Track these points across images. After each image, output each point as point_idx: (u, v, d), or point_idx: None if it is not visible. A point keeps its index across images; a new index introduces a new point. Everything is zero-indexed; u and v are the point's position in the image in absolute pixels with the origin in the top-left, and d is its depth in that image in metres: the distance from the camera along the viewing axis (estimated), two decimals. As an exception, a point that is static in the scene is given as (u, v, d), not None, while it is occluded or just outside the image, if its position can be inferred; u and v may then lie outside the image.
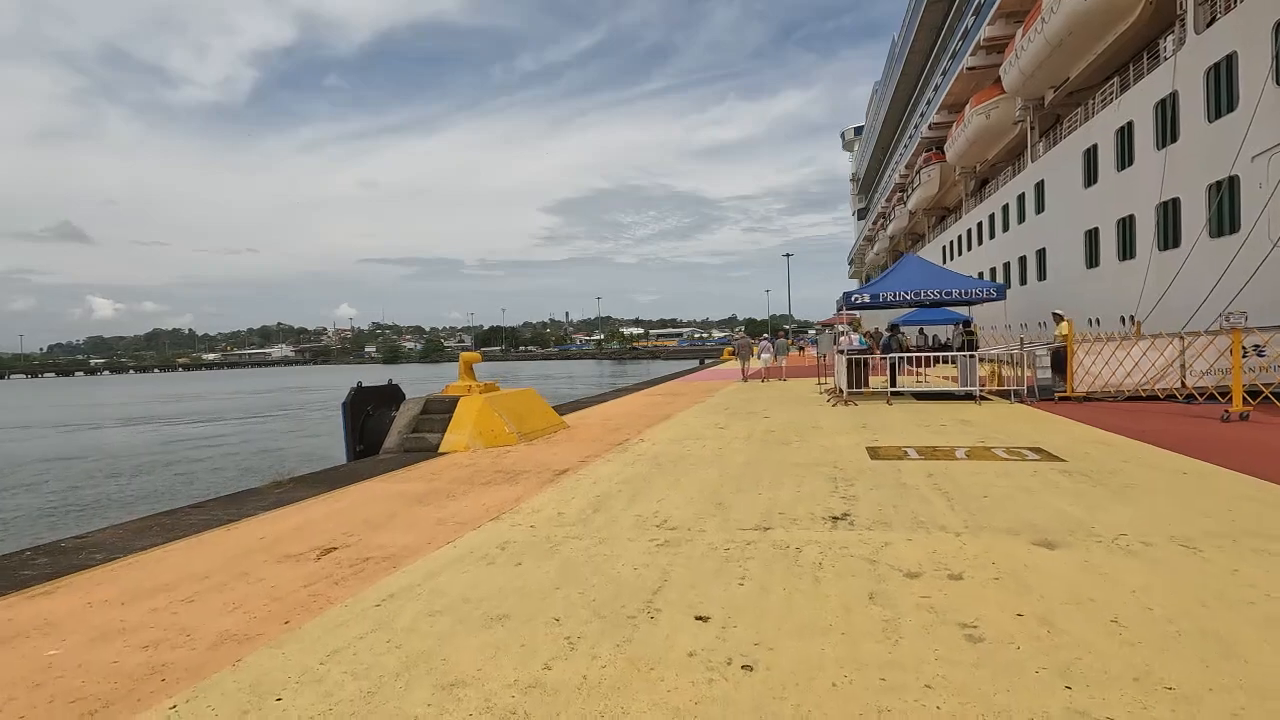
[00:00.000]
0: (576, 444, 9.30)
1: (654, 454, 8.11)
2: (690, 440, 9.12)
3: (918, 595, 3.34)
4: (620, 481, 6.55)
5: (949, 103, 39.41)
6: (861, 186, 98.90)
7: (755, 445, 8.46)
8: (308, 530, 5.23)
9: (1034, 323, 28.67)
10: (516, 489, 6.45)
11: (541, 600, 3.51)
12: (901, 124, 63.08)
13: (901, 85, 58.70)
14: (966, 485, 5.74)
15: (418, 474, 7.51)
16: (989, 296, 12.16)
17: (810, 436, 8.98)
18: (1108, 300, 22.29)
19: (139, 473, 19.96)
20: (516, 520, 5.24)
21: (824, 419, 10.90)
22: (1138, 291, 19.70)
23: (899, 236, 65.85)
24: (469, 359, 10.82)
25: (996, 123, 32.43)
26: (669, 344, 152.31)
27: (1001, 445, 7.68)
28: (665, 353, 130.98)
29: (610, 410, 13.95)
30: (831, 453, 7.63)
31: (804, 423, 10.52)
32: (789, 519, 4.89)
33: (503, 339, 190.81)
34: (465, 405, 9.71)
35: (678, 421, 11.39)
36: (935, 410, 11.43)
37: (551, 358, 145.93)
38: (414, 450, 9.37)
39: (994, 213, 34.80)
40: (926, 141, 45.60)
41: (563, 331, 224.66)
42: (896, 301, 12.32)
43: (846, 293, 12.63)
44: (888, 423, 10.06)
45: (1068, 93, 27.31)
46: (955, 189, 45.04)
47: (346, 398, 10.59)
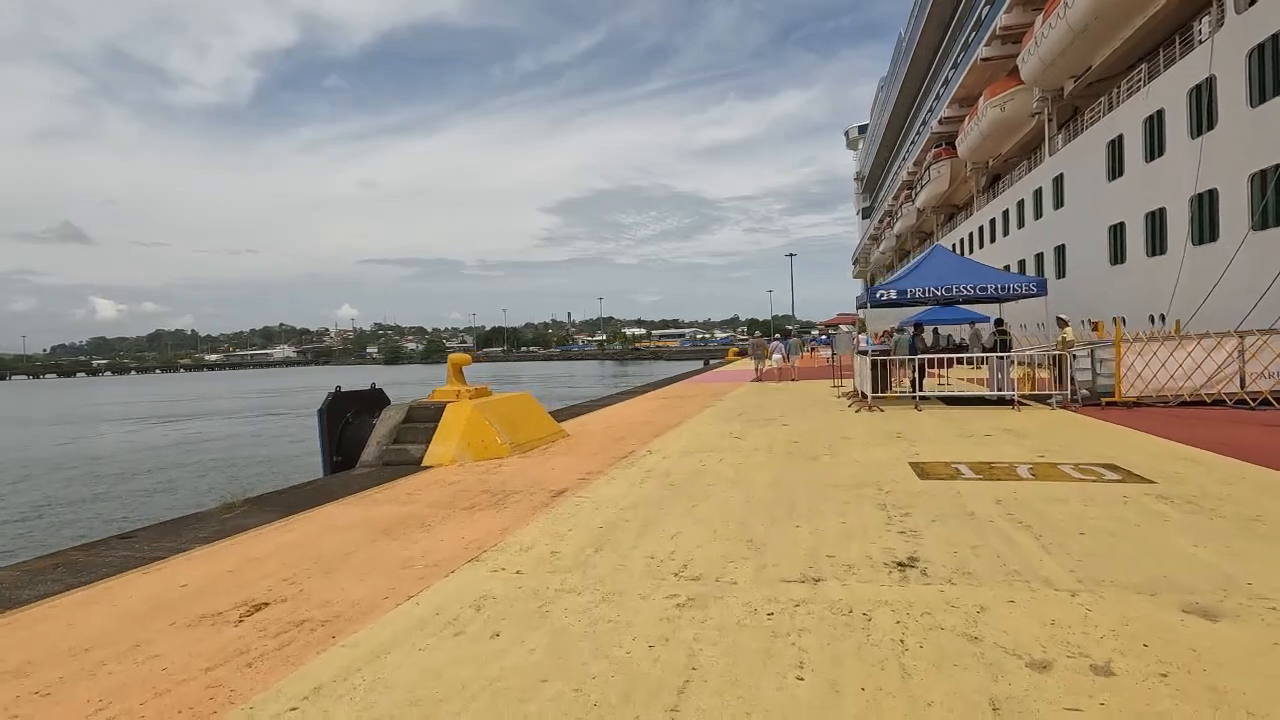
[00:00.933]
0: (577, 457, 8.29)
1: (664, 470, 7.09)
2: (704, 453, 8.10)
3: (1062, 707, 2.31)
4: (627, 507, 5.54)
5: (960, 96, 38.33)
6: (866, 185, 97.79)
7: (779, 459, 7.44)
8: (243, 574, 4.23)
9: (1052, 322, 27.63)
10: (504, 516, 5.44)
11: (521, 704, 2.50)
12: (908, 120, 61.99)
13: (908, 81, 57.61)
14: (1050, 516, 4.71)
15: (392, 494, 6.50)
16: (1028, 292, 11.13)
17: (841, 449, 7.95)
18: (1135, 298, 21.23)
19: (121, 480, 19.00)
20: (500, 562, 4.23)
21: (850, 427, 9.87)
22: (1170, 288, 18.67)
23: (906, 235, 64.78)
24: (458, 361, 9.81)
25: (1012, 115, 31.36)
26: (671, 345, 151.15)
27: (1068, 461, 6.64)
28: (668, 353, 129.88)
29: (614, 416, 12.94)
30: (871, 470, 6.60)
31: (829, 431, 9.49)
32: (842, 565, 3.87)
33: (504, 340, 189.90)
34: (452, 413, 8.71)
35: (688, 430, 10.37)
36: (971, 418, 10.40)
37: (553, 358, 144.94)
38: (394, 463, 8.37)
39: (1008, 209, 33.72)
40: (936, 137, 44.51)
41: (565, 332, 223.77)
42: (926, 298, 11.30)
43: (871, 288, 11.60)
44: (924, 432, 9.03)
45: (1088, 83, 26.24)
46: (966, 185, 43.96)
47: (323, 403, 9.59)
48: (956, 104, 39.45)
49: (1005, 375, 12.06)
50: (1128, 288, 21.92)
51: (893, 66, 68.55)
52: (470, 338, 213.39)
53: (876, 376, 11.87)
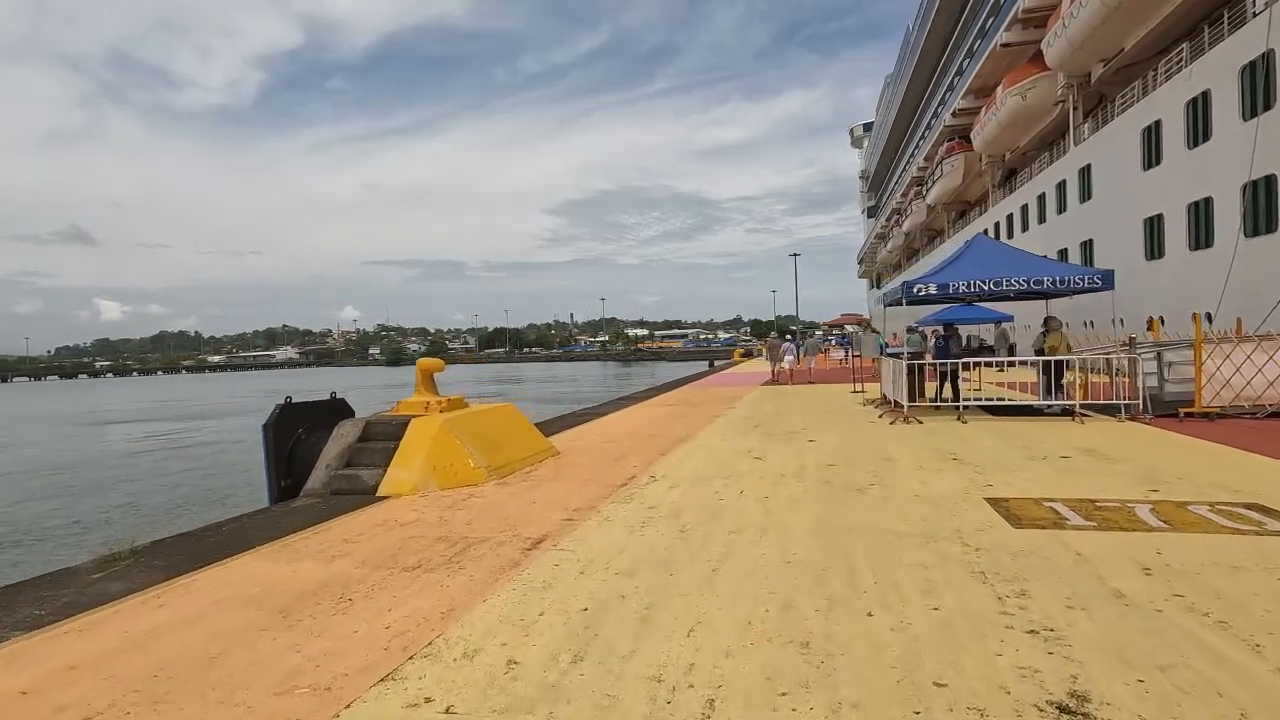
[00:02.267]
0: (566, 484, 6.83)
1: (673, 506, 5.63)
2: (720, 479, 6.63)
3: None
4: (623, 571, 4.07)
5: (976, 86, 36.79)
6: (871, 184, 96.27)
7: (816, 490, 5.97)
8: (38, 701, 2.78)
9: (1078, 323, 26.05)
10: (455, 584, 3.98)
11: None
12: (917, 116, 60.47)
13: (916, 76, 56.10)
14: (1239, 597, 3.23)
15: (323, 542, 5.04)
16: (1091, 285, 9.64)
17: (889, 476, 6.47)
18: (1176, 295, 19.69)
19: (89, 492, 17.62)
20: (427, 683, 2.77)
21: (890, 443, 8.39)
22: (1215, 285, 17.16)
23: (915, 233, 63.20)
24: (427, 367, 8.35)
25: (1034, 104, 29.82)
26: (674, 345, 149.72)
27: (1198, 500, 5.15)
28: (671, 354, 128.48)
29: (614, 427, 11.47)
30: (939, 510, 5.13)
31: (867, 450, 8.02)
32: (965, 703, 2.40)
33: (507, 340, 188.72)
34: (417, 430, 7.25)
35: (700, 446, 8.90)
36: (1029, 432, 8.91)
37: (556, 359, 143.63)
38: (344, 492, 6.92)
39: (1027, 203, 32.18)
40: (949, 130, 42.97)
41: (567, 333, 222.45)
42: (970, 292, 9.82)
43: (906, 283, 10.12)
44: (982, 452, 7.55)
45: (1118, 67, 24.71)
46: (980, 180, 42.42)
47: (269, 417, 8.14)
48: (971, 95, 37.91)
49: (1058, 381, 10.58)
50: (1165, 284, 20.39)
51: (899, 62, 67.05)
52: (473, 339, 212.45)
53: (913, 383, 10.39)
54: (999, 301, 12.29)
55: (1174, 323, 19.85)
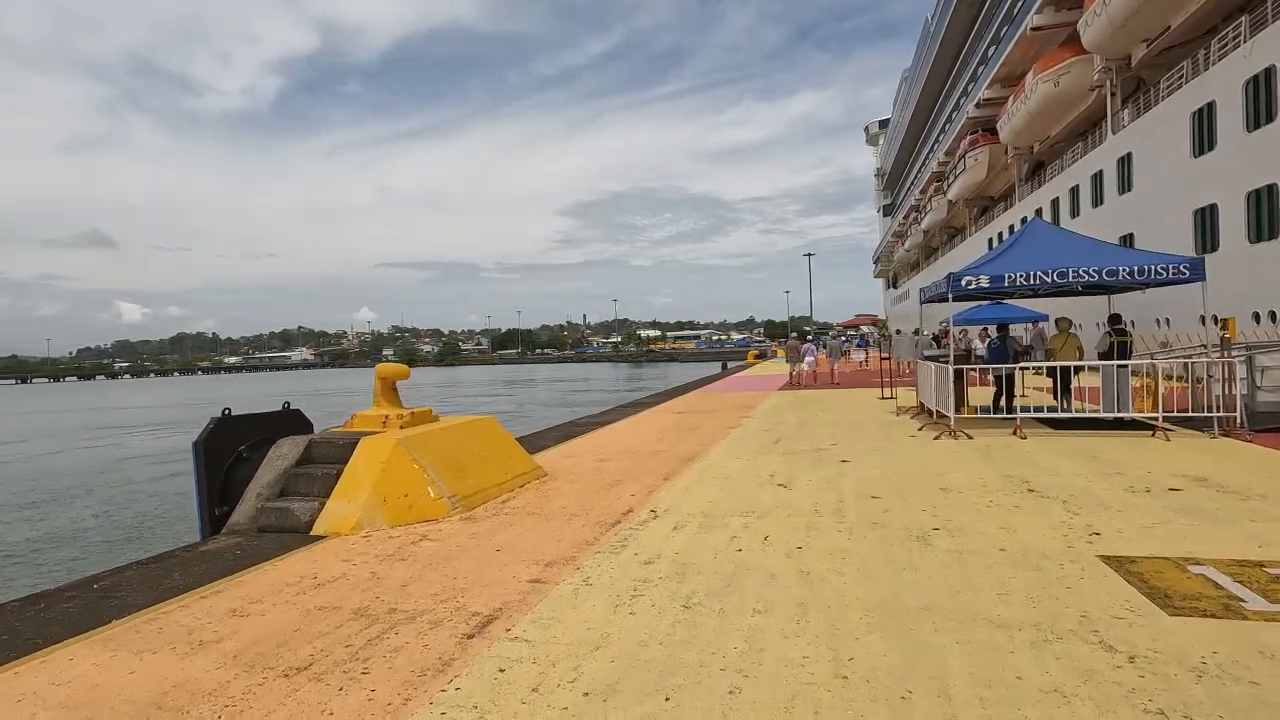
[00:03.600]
0: (544, 521, 5.48)
1: (674, 561, 4.27)
2: (738, 518, 5.26)
3: None
4: (596, 684, 2.72)
5: (1003, 75, 35.09)
6: (888, 182, 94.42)
7: (864, 538, 4.58)
8: None
9: (1146, 321, 24.35)
10: (346, 708, 2.65)
11: None
12: (936, 110, 58.70)
13: (936, 68, 54.35)
14: None
15: (201, 615, 3.73)
16: (1179, 276, 8.14)
17: (953, 514, 5.06)
18: (1233, 291, 18.02)
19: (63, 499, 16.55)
20: None
21: (942, 465, 6.97)
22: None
23: (934, 230, 61.33)
24: (387, 374, 7.04)
25: (1068, 90, 28.13)
26: (687, 346, 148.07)
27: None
28: (684, 355, 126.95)
29: (615, 440, 10.12)
30: (1039, 572, 3.73)
31: (915, 474, 6.60)
32: None
33: (519, 342, 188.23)
34: (366, 451, 5.94)
35: (711, 467, 7.52)
36: (1109, 451, 7.45)
37: (568, 360, 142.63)
38: (273, 529, 5.62)
39: (1058, 197, 30.47)
40: (972, 122, 41.23)
41: (579, 334, 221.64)
42: (1030, 284, 8.35)
43: (953, 275, 8.68)
44: (1063, 480, 6.11)
45: (1161, 49, 23.03)
46: (1005, 174, 40.67)
47: (201, 433, 6.85)
48: (998, 84, 36.21)
49: (1125, 390, 9.11)
50: (1220, 280, 18.69)
51: (917, 56, 65.27)
52: (486, 340, 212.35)
53: (963, 391, 8.93)
54: (1062, 296, 10.77)
55: (1180, 324, 18.24)
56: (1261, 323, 17.10)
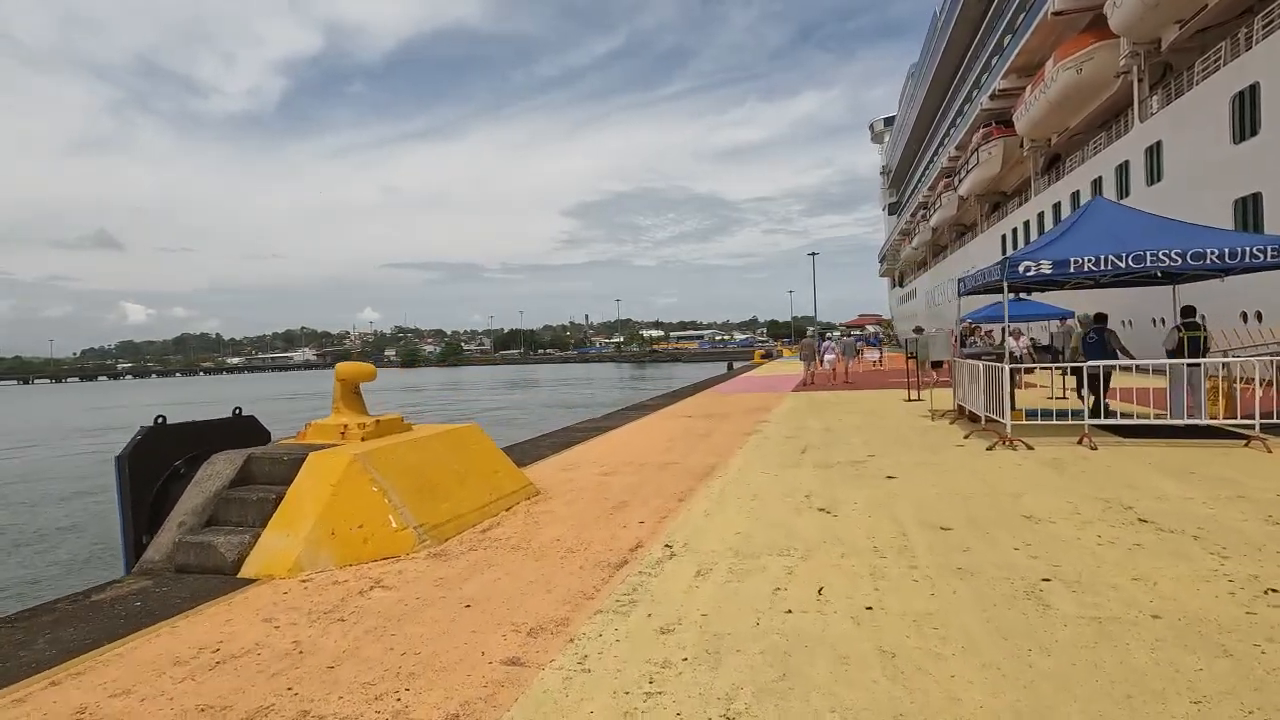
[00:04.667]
0: (531, 558, 4.36)
1: (701, 630, 3.13)
2: (777, 558, 4.12)
3: None
4: None
5: (1019, 65, 33.87)
6: (893, 180, 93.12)
7: (952, 591, 3.43)
8: None
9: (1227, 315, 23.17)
10: None
11: None
12: (945, 105, 57.46)
13: (945, 62, 53.15)
14: None
15: (40, 717, 2.61)
16: (1275, 259, 6.98)
17: (1059, 556, 3.91)
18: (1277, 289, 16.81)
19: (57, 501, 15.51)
20: None
21: (1010, 482, 5.82)
22: None
23: (943, 228, 60.05)
24: (349, 375, 5.90)
25: (1092, 77, 26.91)
26: (690, 346, 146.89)
27: None
28: (687, 355, 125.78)
29: (619, 449, 8.99)
30: (1225, 652, 2.60)
31: (979, 494, 5.46)
32: None
33: (521, 342, 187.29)
34: (314, 470, 4.81)
35: (734, 483, 6.39)
36: (1205, 465, 6.30)
37: (570, 360, 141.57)
38: (193, 569, 4.51)
39: (1079, 189, 29.24)
40: (986, 114, 39.98)
41: (582, 334, 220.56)
42: (1101, 270, 7.18)
43: (1010, 260, 7.51)
44: (1174, 505, 4.95)
45: (1195, 30, 21.83)
46: (1020, 168, 39.43)
47: (126, 447, 5.73)
48: (1014, 74, 34.98)
49: (1196, 392, 7.96)
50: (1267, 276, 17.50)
51: (924, 51, 64.03)
52: (488, 340, 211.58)
53: (1011, 393, 7.77)
54: (1140, 286, 9.59)
55: (1276, 320, 17.01)
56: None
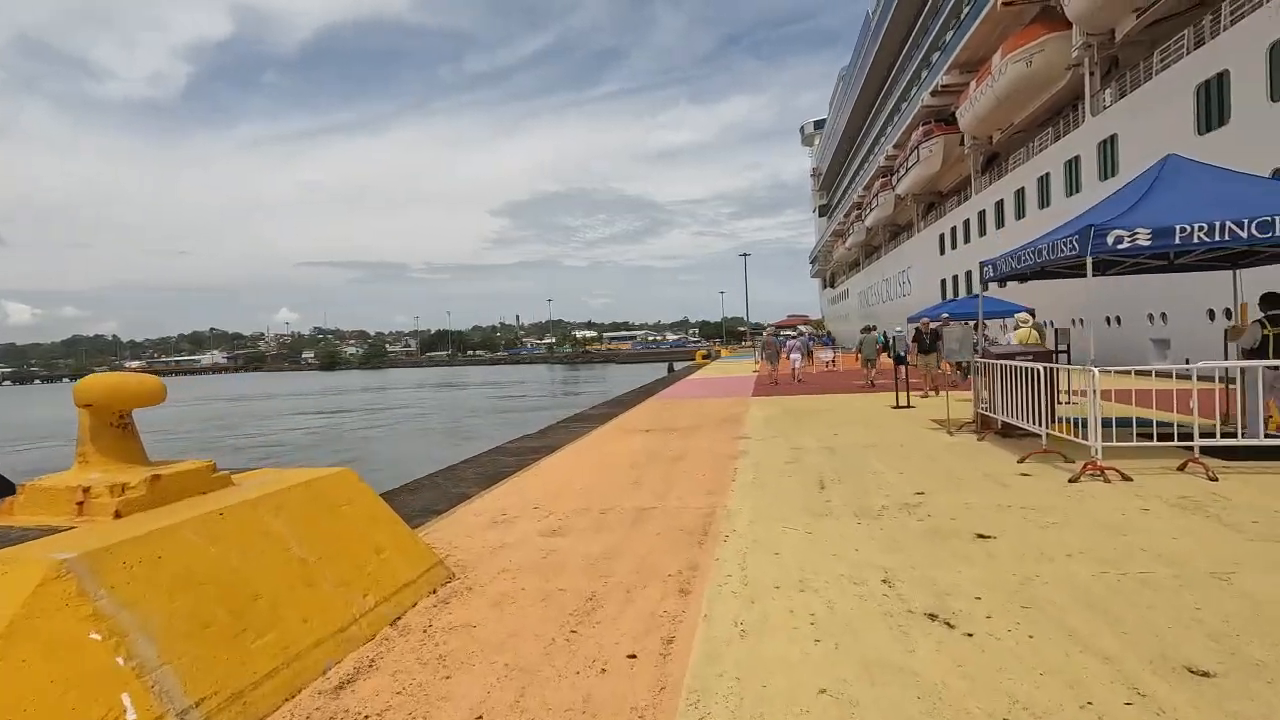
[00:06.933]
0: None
1: None
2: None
3: None
4: None
5: (963, 59, 33.36)
6: (824, 182, 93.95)
7: None
8: None
9: (1097, 320, 22.57)
10: None
11: None
12: (878, 105, 57.57)
13: (878, 62, 53.11)
14: None
15: None
16: None
17: None
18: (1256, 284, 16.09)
19: None
20: None
21: (1185, 549, 3.88)
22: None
23: (877, 228, 60.20)
24: (108, 394, 3.35)
25: (1041, 70, 26.30)
26: (623, 347, 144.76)
27: None
28: (621, 356, 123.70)
29: (565, 480, 6.66)
30: None
31: (1158, 572, 3.48)
32: None
33: (449, 343, 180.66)
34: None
35: (756, 555, 4.19)
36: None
37: (500, 362, 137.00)
38: None
39: (1023, 187, 28.81)
40: (927, 111, 39.58)
41: (513, 335, 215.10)
42: (1218, 241, 5.38)
43: (1094, 227, 5.63)
44: None
45: (1152, 20, 21.29)
46: (959, 167, 39.25)
47: None
48: (956, 70, 34.48)
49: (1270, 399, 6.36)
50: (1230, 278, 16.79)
51: (857, 52, 64.26)
52: (414, 342, 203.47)
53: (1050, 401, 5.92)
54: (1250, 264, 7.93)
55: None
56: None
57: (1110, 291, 20.36)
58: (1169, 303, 19.20)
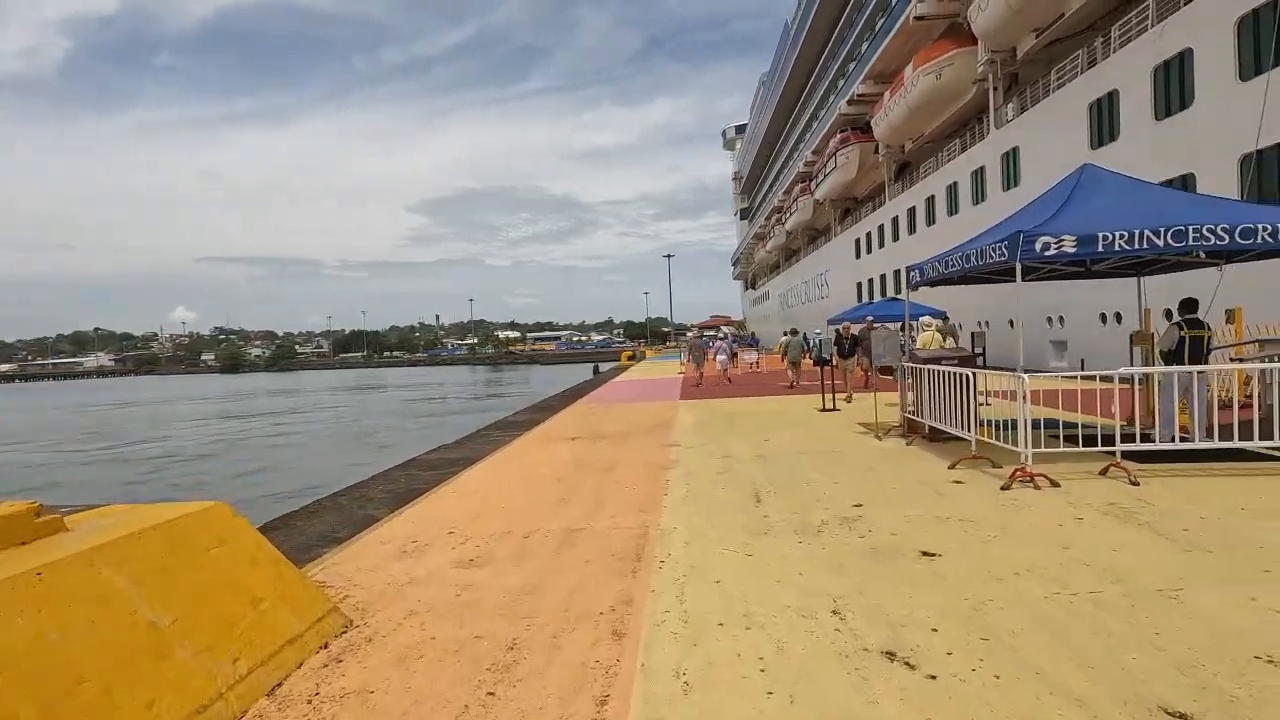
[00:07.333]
0: None
1: None
2: None
3: None
4: None
5: (878, 70, 34.54)
6: (745, 186, 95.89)
7: None
8: None
9: (1001, 321, 23.78)
10: None
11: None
12: (797, 112, 59.14)
13: (797, 70, 54.53)
14: None
15: None
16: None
17: None
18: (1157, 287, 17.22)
19: None
20: None
21: (1130, 563, 3.79)
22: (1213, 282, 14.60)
23: (796, 231, 61.82)
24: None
25: (950, 83, 27.48)
26: (548, 348, 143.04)
27: None
28: (545, 357, 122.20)
29: (488, 501, 6.14)
30: None
31: (1108, 591, 3.35)
32: None
33: (365, 344, 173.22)
34: None
35: (695, 585, 3.84)
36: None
37: (420, 363, 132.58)
38: None
39: (933, 194, 30.07)
40: (843, 119, 40.80)
41: (433, 335, 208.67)
42: (1136, 250, 5.47)
43: (1023, 234, 5.62)
44: None
45: (1050, 40, 22.55)
46: (874, 173, 40.65)
47: None
48: (871, 80, 35.69)
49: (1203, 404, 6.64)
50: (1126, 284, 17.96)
51: (776, 59, 65.83)
52: (326, 342, 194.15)
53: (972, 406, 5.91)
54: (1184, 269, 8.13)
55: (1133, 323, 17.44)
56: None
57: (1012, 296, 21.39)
58: (1064, 307, 20.31)
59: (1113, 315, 18.43)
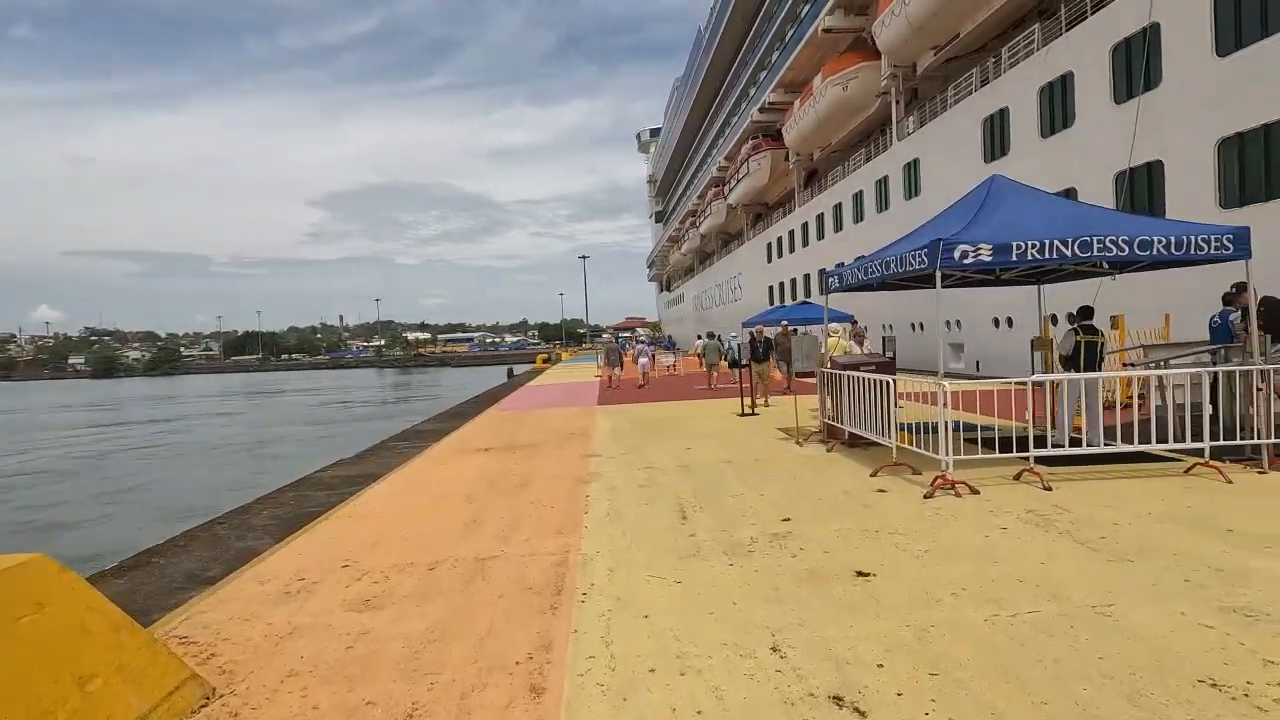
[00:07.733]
0: None
1: None
2: None
3: None
4: None
5: (788, 79, 35.47)
6: (660, 189, 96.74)
7: None
8: None
9: (904, 325, 24.89)
10: None
11: None
12: (710, 117, 60.12)
13: (710, 76, 55.47)
14: None
15: None
16: (1222, 251, 5.87)
17: None
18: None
19: None
20: None
21: (1062, 577, 3.73)
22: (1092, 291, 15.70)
23: (711, 235, 62.84)
24: None
25: (855, 95, 28.50)
26: (460, 349, 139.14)
27: None
28: (457, 359, 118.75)
29: (390, 526, 5.57)
30: None
31: (1047, 609, 3.26)
32: None
33: (260, 345, 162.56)
34: None
35: (621, 625, 3.48)
36: (1201, 504, 4.91)
37: (322, 366, 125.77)
38: None
39: (840, 202, 31.15)
40: (755, 127, 41.70)
41: (336, 336, 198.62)
42: (1047, 259, 5.60)
43: (942, 241, 5.62)
44: None
45: (946, 58, 23.74)
46: (785, 180, 41.78)
47: None
48: (782, 89, 36.61)
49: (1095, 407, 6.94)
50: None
51: (690, 64, 66.76)
52: (217, 344, 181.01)
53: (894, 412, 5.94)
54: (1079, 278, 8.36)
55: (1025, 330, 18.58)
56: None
57: (916, 301, 22.33)
58: (960, 311, 21.37)
59: (1004, 319, 19.55)
